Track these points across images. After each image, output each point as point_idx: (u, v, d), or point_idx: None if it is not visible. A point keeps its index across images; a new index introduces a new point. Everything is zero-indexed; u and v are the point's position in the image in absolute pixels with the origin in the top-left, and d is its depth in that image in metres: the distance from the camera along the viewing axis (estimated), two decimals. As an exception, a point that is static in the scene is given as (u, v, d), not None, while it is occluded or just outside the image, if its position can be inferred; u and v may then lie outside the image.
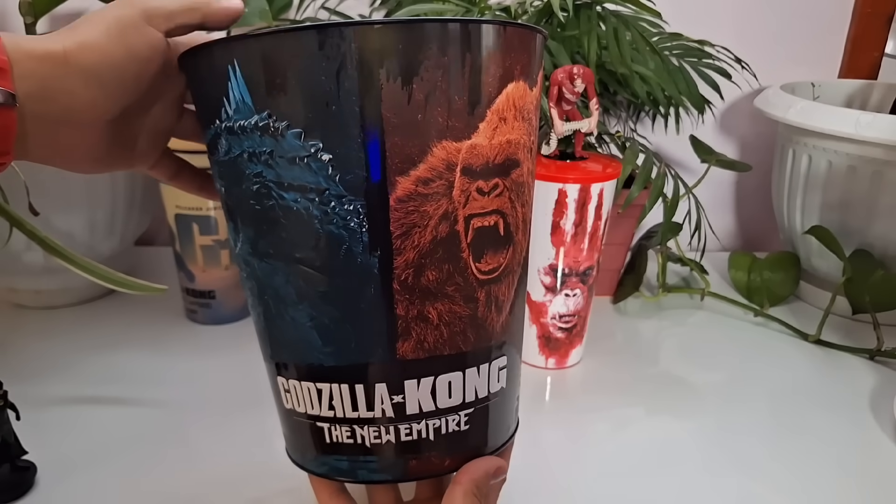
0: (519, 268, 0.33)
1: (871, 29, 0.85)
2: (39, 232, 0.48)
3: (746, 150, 0.90)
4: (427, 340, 0.30)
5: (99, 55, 0.28)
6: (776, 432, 0.53)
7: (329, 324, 0.30)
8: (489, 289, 0.31)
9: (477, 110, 0.29)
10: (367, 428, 0.31)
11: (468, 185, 0.29)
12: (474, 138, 0.29)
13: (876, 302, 0.65)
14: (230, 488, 0.46)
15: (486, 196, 0.30)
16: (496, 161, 0.30)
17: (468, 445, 0.32)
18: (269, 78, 0.28)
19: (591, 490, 0.47)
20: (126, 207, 0.67)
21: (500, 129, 0.29)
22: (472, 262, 0.30)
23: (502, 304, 0.32)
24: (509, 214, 0.31)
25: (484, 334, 0.31)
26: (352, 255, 0.29)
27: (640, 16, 0.70)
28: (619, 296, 0.73)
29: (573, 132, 0.57)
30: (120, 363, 0.60)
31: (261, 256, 0.31)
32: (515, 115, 0.30)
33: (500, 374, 0.32)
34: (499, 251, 0.31)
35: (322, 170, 0.28)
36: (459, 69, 0.28)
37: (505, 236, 0.31)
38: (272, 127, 0.28)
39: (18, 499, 0.44)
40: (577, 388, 0.59)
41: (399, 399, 0.30)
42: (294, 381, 0.32)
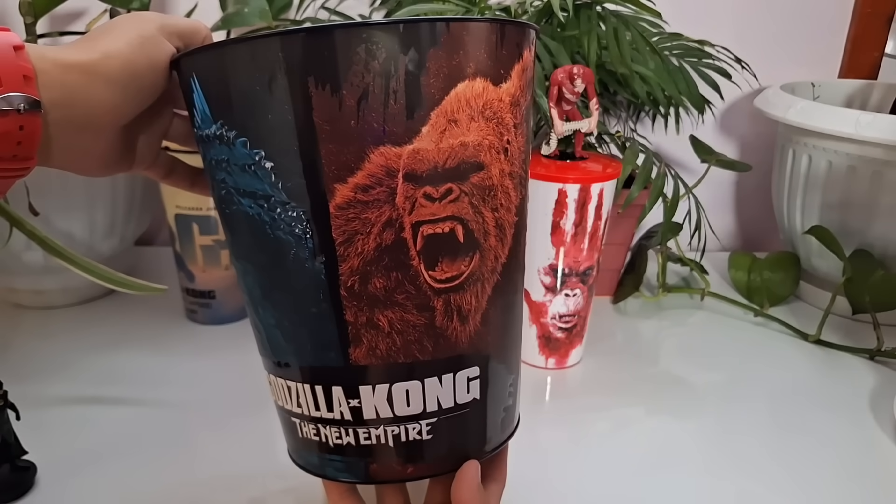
0: (494, 275, 0.31)
1: (871, 29, 0.85)
2: (39, 232, 0.48)
3: (746, 150, 0.90)
4: (379, 347, 0.30)
5: (122, 64, 0.30)
6: (776, 432, 0.53)
7: (288, 325, 0.31)
8: (448, 297, 0.30)
9: (417, 114, 0.28)
10: (329, 428, 0.31)
11: (413, 191, 0.28)
12: (417, 143, 0.28)
13: (876, 302, 0.65)
14: (230, 488, 0.46)
15: (436, 202, 0.29)
16: (447, 165, 0.29)
17: (432, 455, 0.31)
18: (219, 89, 0.29)
19: (590, 490, 0.47)
20: (126, 207, 0.67)
21: (450, 132, 0.28)
22: (423, 270, 0.29)
23: (467, 314, 0.31)
24: (471, 220, 0.30)
25: (445, 344, 0.30)
26: (299, 260, 0.29)
27: (640, 16, 0.70)
28: (619, 296, 0.73)
29: (573, 132, 0.57)
30: (120, 363, 0.60)
31: (236, 257, 0.32)
32: (472, 115, 0.29)
33: (471, 385, 0.31)
34: (457, 259, 0.30)
35: (266, 177, 0.28)
36: (391, 72, 0.27)
37: (466, 243, 0.30)
38: (225, 136, 0.29)
39: (18, 499, 0.44)
40: (577, 388, 0.59)
41: (355, 403, 0.30)
42: (272, 376, 0.33)
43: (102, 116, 0.30)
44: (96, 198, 0.63)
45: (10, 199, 0.58)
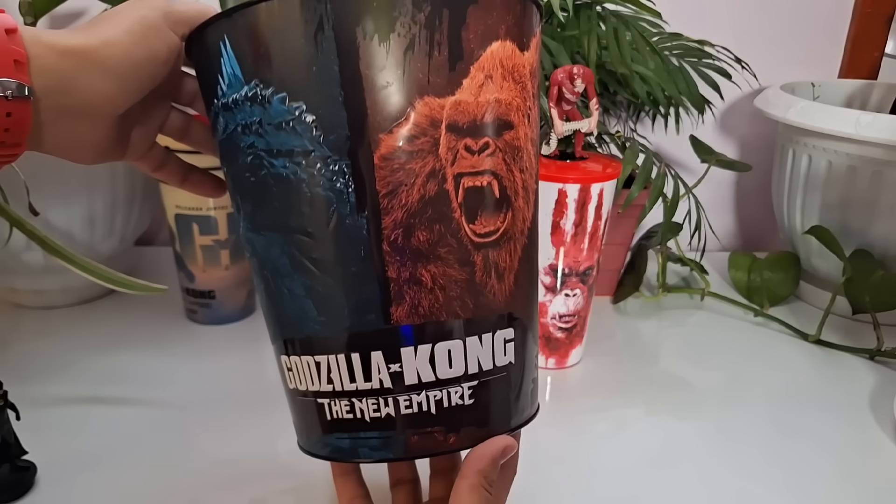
0: (523, 237, 0.32)
1: (871, 29, 0.85)
2: (39, 232, 0.48)
3: (746, 150, 0.90)
4: (422, 305, 0.29)
5: (121, 53, 0.29)
6: (776, 432, 0.53)
7: (322, 291, 0.30)
8: (486, 253, 0.30)
9: (459, 66, 0.28)
10: (365, 400, 0.30)
11: (455, 142, 0.29)
12: (458, 94, 0.29)
13: (876, 302, 0.65)
14: (230, 488, 0.46)
15: (475, 155, 0.29)
16: (484, 119, 0.29)
17: (473, 421, 0.31)
18: (255, 47, 0.28)
19: (590, 490, 0.47)
20: (126, 207, 0.67)
21: (487, 87, 0.29)
22: (465, 223, 0.29)
23: (503, 272, 0.31)
24: (505, 177, 0.30)
25: (484, 302, 0.30)
26: (340, 217, 0.28)
27: (640, 16, 0.70)
28: (619, 296, 0.73)
29: (573, 132, 0.57)
30: (120, 363, 0.60)
31: (258, 230, 0.31)
32: (504, 74, 0.30)
33: (507, 347, 0.31)
34: (495, 214, 0.30)
35: (306, 132, 0.28)
36: (436, 24, 0.28)
37: (501, 199, 0.30)
38: (259, 95, 0.29)
39: (18, 499, 0.44)
40: (576, 388, 0.59)
41: (396, 368, 0.29)
42: (295, 357, 0.32)
43: (98, 106, 0.29)
44: (96, 198, 0.63)
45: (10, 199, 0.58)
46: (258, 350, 0.62)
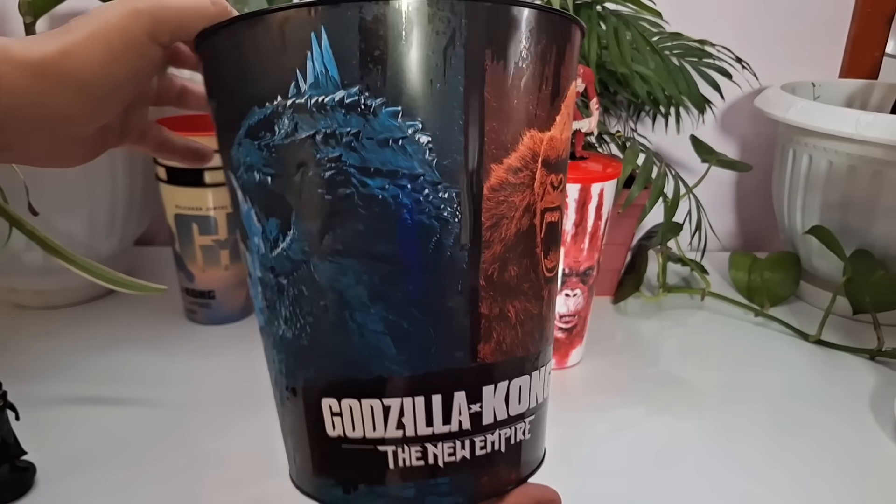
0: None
1: (872, 29, 0.85)
2: (39, 232, 0.48)
3: (747, 149, 0.90)
4: (505, 341, 0.28)
5: (99, 71, 0.26)
6: (776, 433, 0.53)
7: (408, 327, 0.27)
8: (550, 287, 0.30)
9: (556, 102, 0.28)
10: (441, 445, 0.28)
11: (545, 177, 0.29)
12: (553, 130, 0.29)
13: (876, 302, 0.65)
14: (230, 488, 0.45)
15: (555, 190, 0.29)
16: (563, 156, 0.30)
17: (529, 457, 0.30)
18: (367, 49, 0.25)
19: (591, 490, 0.47)
20: (126, 207, 0.66)
21: (567, 124, 0.30)
22: (542, 257, 0.29)
23: (554, 304, 0.31)
24: (564, 212, 0.31)
25: (544, 335, 0.30)
26: (441, 248, 0.27)
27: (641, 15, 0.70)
28: (620, 296, 0.73)
29: (573, 132, 0.56)
30: (119, 363, 0.60)
31: (325, 254, 0.27)
32: (571, 111, 0.30)
33: (548, 377, 0.31)
34: (558, 248, 0.31)
35: (418, 153, 0.26)
36: (547, 58, 0.28)
37: (560, 234, 0.31)
38: (362, 104, 0.26)
39: (18, 499, 0.44)
40: (577, 389, 0.59)
41: (476, 408, 0.28)
42: (350, 400, 0.28)
43: (76, 124, 0.27)
44: (96, 198, 0.63)
45: (9, 199, 0.58)
46: (258, 350, 0.62)
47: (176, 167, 0.60)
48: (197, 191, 0.61)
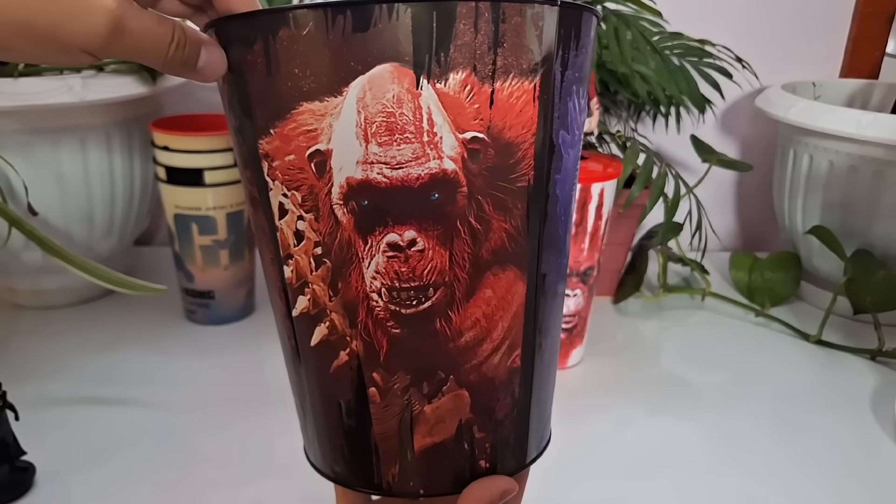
0: None
1: (872, 28, 0.85)
2: (38, 232, 0.48)
3: (747, 149, 0.90)
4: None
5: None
6: (777, 433, 0.53)
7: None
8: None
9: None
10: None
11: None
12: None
13: (877, 302, 0.65)
14: (230, 488, 0.45)
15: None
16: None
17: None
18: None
19: (591, 491, 0.47)
20: (125, 207, 0.66)
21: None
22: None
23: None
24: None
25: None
26: None
27: (641, 15, 0.70)
28: (620, 296, 0.73)
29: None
30: (119, 363, 0.59)
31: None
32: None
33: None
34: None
35: None
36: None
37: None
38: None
39: (17, 499, 0.44)
40: (577, 389, 0.59)
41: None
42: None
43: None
44: (95, 198, 0.63)
45: (8, 199, 0.58)
46: (257, 350, 0.61)
47: (176, 167, 0.60)
48: (197, 191, 0.60)
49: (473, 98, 0.25)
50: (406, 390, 0.28)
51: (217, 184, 0.60)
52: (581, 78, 0.28)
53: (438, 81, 0.24)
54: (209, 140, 0.59)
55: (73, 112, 0.59)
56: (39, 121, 0.58)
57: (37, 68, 0.61)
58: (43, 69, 0.62)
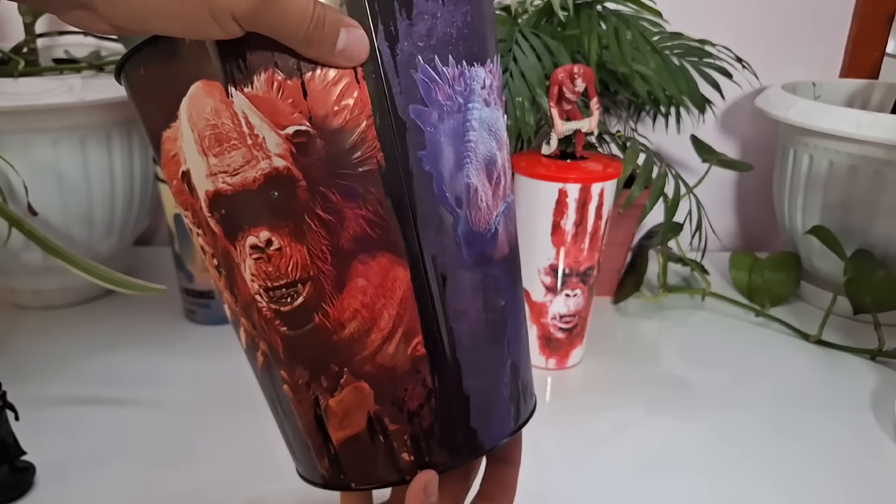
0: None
1: (872, 28, 0.85)
2: (38, 232, 0.48)
3: (747, 149, 0.90)
4: None
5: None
6: (777, 433, 0.53)
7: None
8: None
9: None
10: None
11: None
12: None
13: (877, 302, 0.65)
14: (230, 488, 0.45)
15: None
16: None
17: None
18: None
19: (591, 491, 0.47)
20: (125, 207, 0.66)
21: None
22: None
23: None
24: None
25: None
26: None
27: (641, 15, 0.70)
28: (620, 296, 0.73)
29: (574, 132, 0.56)
30: (119, 363, 0.59)
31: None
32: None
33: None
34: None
35: None
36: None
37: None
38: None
39: (17, 499, 0.44)
40: (577, 389, 0.59)
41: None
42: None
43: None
44: (95, 198, 0.63)
45: (8, 199, 0.58)
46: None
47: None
48: (196, 191, 0.60)
49: (285, 94, 0.25)
50: (309, 385, 0.28)
51: (217, 184, 0.60)
52: (436, 45, 0.26)
53: (245, 86, 0.25)
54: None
55: (73, 112, 0.59)
56: (39, 121, 0.58)
57: (37, 68, 0.61)
58: (43, 69, 0.62)
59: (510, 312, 0.30)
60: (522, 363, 0.31)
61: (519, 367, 0.31)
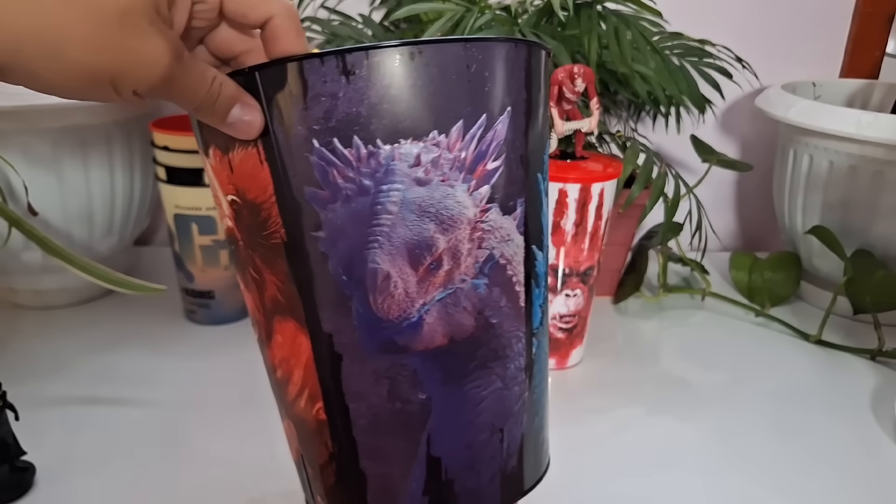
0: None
1: (872, 28, 0.85)
2: (38, 231, 0.48)
3: (747, 149, 0.90)
4: None
5: (80, 55, 0.23)
6: (777, 433, 0.53)
7: None
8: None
9: None
10: None
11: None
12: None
13: (877, 302, 0.65)
14: (230, 488, 0.45)
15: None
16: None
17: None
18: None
19: (591, 491, 0.47)
20: (125, 207, 0.66)
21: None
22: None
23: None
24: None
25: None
26: None
27: (641, 15, 0.70)
28: (620, 296, 0.73)
29: (573, 132, 0.56)
30: (119, 363, 0.59)
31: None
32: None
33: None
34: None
35: None
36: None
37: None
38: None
39: (17, 499, 0.44)
40: (577, 389, 0.59)
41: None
42: None
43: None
44: (95, 198, 0.63)
45: (8, 199, 0.58)
46: (257, 350, 0.61)
47: (176, 167, 0.60)
48: (197, 191, 0.60)
49: (223, 167, 0.28)
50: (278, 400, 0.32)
51: (217, 184, 0.60)
52: (336, 127, 0.25)
53: (207, 156, 0.29)
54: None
55: (73, 112, 0.59)
56: (39, 121, 0.58)
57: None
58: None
59: (438, 409, 0.28)
60: (457, 464, 0.29)
61: (447, 468, 0.29)
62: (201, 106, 0.25)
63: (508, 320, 0.28)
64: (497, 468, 0.29)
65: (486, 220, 0.27)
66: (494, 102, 0.26)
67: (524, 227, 0.28)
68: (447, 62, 0.25)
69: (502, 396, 0.29)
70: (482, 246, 0.27)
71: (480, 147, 0.26)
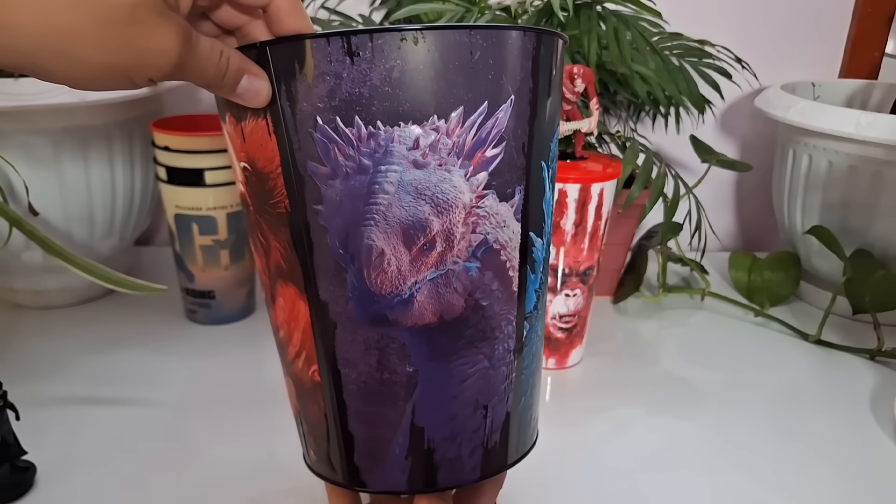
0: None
1: (872, 29, 0.85)
2: (39, 231, 0.48)
3: (747, 149, 0.90)
4: None
5: (90, 55, 0.23)
6: (776, 433, 0.53)
7: None
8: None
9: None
10: None
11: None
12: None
13: (876, 302, 0.65)
14: (230, 488, 0.45)
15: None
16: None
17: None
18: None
19: (591, 491, 0.47)
20: (125, 207, 0.66)
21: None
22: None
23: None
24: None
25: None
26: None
27: (641, 15, 0.70)
28: (620, 296, 0.73)
29: (573, 132, 0.56)
30: (119, 363, 0.59)
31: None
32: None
33: None
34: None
35: None
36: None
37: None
38: None
39: (18, 499, 0.44)
40: (577, 389, 0.59)
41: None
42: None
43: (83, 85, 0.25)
44: (96, 198, 0.63)
45: (9, 199, 0.58)
46: (258, 350, 0.62)
47: (177, 167, 0.60)
48: (197, 191, 0.61)
49: (237, 134, 0.29)
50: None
51: (217, 184, 0.61)
52: (339, 106, 0.26)
53: (224, 122, 0.30)
54: (210, 140, 0.59)
55: (73, 112, 0.59)
56: (40, 121, 0.58)
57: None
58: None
59: (424, 381, 0.29)
60: (439, 434, 0.30)
61: (429, 437, 0.30)
62: (211, 81, 0.26)
63: (499, 303, 0.29)
64: (479, 442, 0.30)
65: (482, 206, 0.28)
66: (497, 90, 0.27)
67: (522, 214, 0.29)
68: (450, 48, 0.26)
69: (488, 375, 0.30)
70: (476, 230, 0.28)
71: (480, 134, 0.27)
